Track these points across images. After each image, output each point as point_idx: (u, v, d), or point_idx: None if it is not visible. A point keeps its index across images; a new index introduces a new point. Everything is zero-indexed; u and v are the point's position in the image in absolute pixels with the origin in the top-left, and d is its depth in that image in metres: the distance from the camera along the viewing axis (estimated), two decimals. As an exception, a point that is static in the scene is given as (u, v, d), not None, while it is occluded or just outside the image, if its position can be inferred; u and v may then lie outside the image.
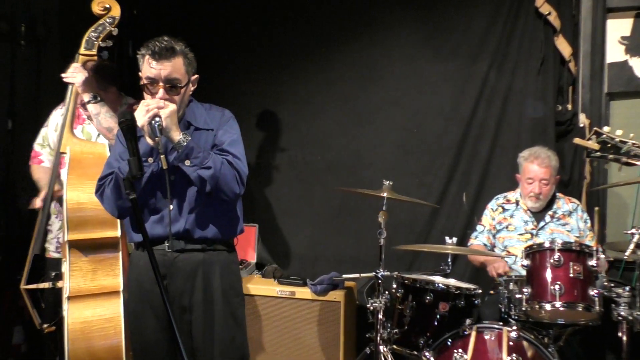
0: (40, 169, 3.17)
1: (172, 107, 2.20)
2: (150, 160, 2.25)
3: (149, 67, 2.23)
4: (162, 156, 2.14)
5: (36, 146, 3.22)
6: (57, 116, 3.19)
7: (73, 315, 2.62)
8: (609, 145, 2.58)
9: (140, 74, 2.31)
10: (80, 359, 2.60)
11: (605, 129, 2.62)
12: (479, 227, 3.45)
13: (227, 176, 2.24)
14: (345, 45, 4.14)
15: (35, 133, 3.23)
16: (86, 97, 2.95)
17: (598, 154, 2.60)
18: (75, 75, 2.91)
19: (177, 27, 4.30)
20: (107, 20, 2.95)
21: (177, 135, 2.19)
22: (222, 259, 2.38)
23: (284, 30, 4.28)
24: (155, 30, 4.35)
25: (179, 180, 2.28)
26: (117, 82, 3.24)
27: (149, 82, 2.25)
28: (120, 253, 2.75)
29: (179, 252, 2.30)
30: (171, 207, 2.28)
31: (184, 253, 2.31)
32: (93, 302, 2.65)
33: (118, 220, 2.68)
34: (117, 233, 2.74)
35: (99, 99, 2.99)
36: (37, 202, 2.96)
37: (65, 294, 2.66)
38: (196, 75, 2.38)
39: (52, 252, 3.14)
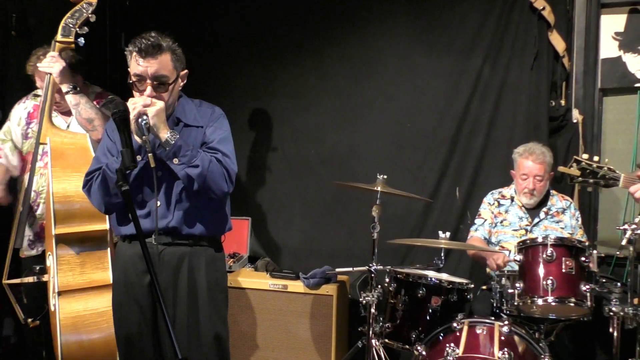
0: None
1: (160, 104, 2.19)
2: (139, 158, 2.23)
3: (136, 65, 2.22)
4: (149, 154, 2.12)
5: None
6: (19, 110, 3.11)
7: (64, 310, 2.61)
8: (588, 171, 2.81)
9: (128, 70, 2.29)
10: (73, 353, 2.60)
11: (584, 156, 2.84)
12: (478, 220, 3.44)
13: (215, 174, 2.24)
14: (338, 39, 4.13)
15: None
16: (64, 87, 2.89)
17: (580, 179, 2.82)
18: (52, 65, 2.84)
19: (169, 19, 4.28)
20: (84, 5, 2.86)
21: (165, 134, 2.18)
22: (208, 255, 2.38)
23: (277, 24, 4.25)
24: (147, 23, 4.38)
25: (167, 177, 2.28)
26: (83, 71, 3.16)
27: (137, 80, 2.24)
28: (109, 246, 2.73)
29: (165, 245, 2.29)
30: (159, 203, 2.27)
31: (170, 246, 2.31)
32: (84, 296, 2.65)
33: None
34: (107, 225, 2.72)
35: (78, 89, 2.94)
36: None
37: (53, 289, 2.65)
38: (185, 71, 2.35)
39: (25, 251, 3.03)
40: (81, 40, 2.90)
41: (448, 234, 2.96)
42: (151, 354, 2.32)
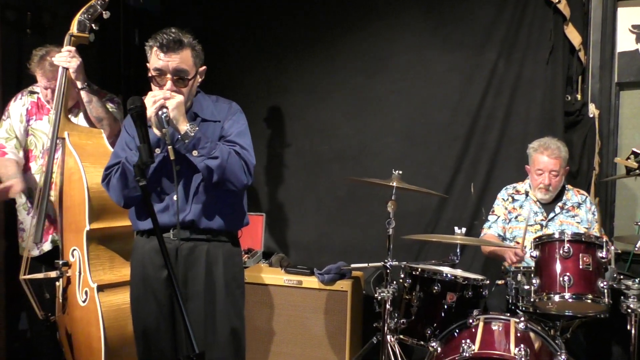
0: (2, 161, 3.05)
1: (179, 98, 2.20)
2: (157, 151, 2.26)
3: (157, 59, 2.24)
4: (169, 147, 2.13)
5: (0, 139, 3.10)
6: (18, 107, 3.10)
7: (105, 303, 2.65)
8: None
9: (147, 65, 2.31)
10: (115, 345, 2.65)
11: None
12: (491, 217, 3.42)
13: (234, 166, 2.25)
14: (351, 34, 4.12)
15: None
16: (79, 83, 2.90)
17: (638, 171, 2.83)
18: (69, 60, 2.84)
19: (182, 16, 4.29)
20: (98, 1, 2.88)
21: (184, 126, 2.19)
22: (226, 250, 2.39)
23: (289, 20, 4.25)
24: (161, 19, 4.40)
25: (185, 171, 2.29)
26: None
27: (157, 74, 2.26)
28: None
29: (183, 240, 2.30)
30: (175, 197, 2.28)
31: (188, 242, 2.32)
32: (121, 290, 2.68)
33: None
34: None
35: (93, 86, 2.96)
36: None
37: (84, 284, 2.68)
38: (204, 67, 2.38)
39: (31, 251, 2.98)
40: (92, 36, 2.92)
41: (464, 229, 2.94)
42: (168, 348, 2.33)
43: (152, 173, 2.28)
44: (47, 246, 3.06)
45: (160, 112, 2.15)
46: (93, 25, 2.89)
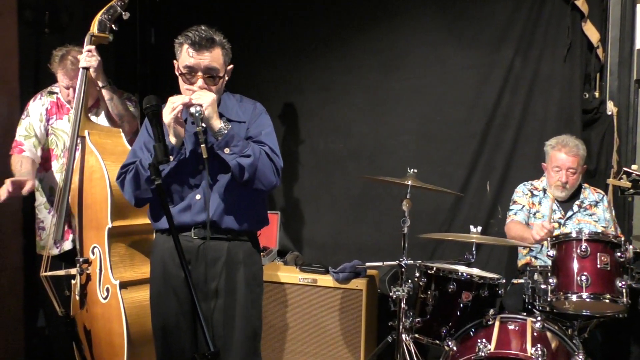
0: (19, 158, 3.07)
1: (213, 95, 2.20)
2: (171, 157, 2.22)
3: (188, 57, 2.24)
4: (202, 145, 2.13)
5: (19, 137, 3.12)
6: (37, 106, 3.13)
7: (127, 300, 2.68)
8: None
9: (175, 62, 2.32)
10: (138, 341, 2.68)
11: (634, 167, 2.80)
12: (515, 206, 3.35)
13: (265, 166, 2.25)
14: (366, 32, 4.10)
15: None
16: (100, 82, 2.96)
17: (631, 191, 2.78)
18: (89, 59, 2.89)
19: (198, 14, 4.30)
20: (118, 2, 2.92)
21: (217, 124, 2.19)
22: (246, 249, 2.39)
23: (304, 18, 4.24)
24: (177, 18, 4.42)
25: (209, 171, 2.27)
26: None
27: (187, 72, 2.26)
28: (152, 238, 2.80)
29: (204, 239, 2.30)
30: (198, 196, 2.29)
31: (209, 241, 2.31)
32: (142, 287, 2.71)
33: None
34: None
35: (112, 84, 2.99)
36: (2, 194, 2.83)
37: (105, 281, 2.72)
38: (231, 66, 2.38)
39: (50, 249, 3.01)
40: (111, 36, 2.95)
41: (479, 228, 2.93)
42: (188, 346, 2.33)
43: (173, 172, 2.28)
44: (67, 245, 3.09)
45: (193, 110, 2.15)
46: (113, 25, 2.93)
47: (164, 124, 2.18)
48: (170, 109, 2.17)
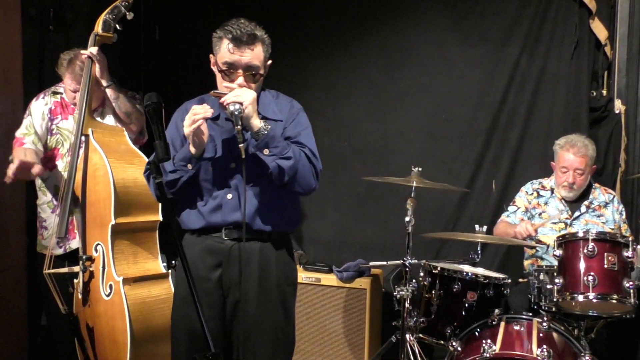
0: (22, 148, 3.00)
1: (254, 93, 2.11)
2: (190, 166, 2.16)
3: (229, 53, 2.14)
4: (241, 146, 2.03)
5: (18, 134, 3.09)
6: (40, 106, 3.11)
7: (130, 296, 2.67)
8: None
9: (212, 56, 2.22)
10: (141, 338, 2.67)
11: None
12: (511, 208, 3.35)
13: (305, 168, 2.17)
14: (371, 29, 4.08)
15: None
16: (104, 81, 2.94)
17: None
18: (92, 50, 2.87)
19: (202, 12, 4.28)
20: (123, 2, 2.90)
21: (258, 123, 2.10)
22: (279, 250, 2.30)
23: (309, 15, 4.22)
24: (181, 16, 4.41)
25: (239, 170, 2.19)
26: None
27: (227, 68, 2.16)
28: (157, 235, 2.81)
29: (235, 240, 2.22)
30: (229, 196, 2.21)
31: (240, 241, 2.22)
32: (145, 284, 2.71)
33: (159, 204, 2.73)
34: (159, 217, 2.79)
35: (117, 83, 2.98)
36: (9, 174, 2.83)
37: (108, 278, 2.71)
38: (270, 61, 2.27)
39: (52, 249, 2.97)
40: (115, 36, 2.95)
41: (485, 227, 2.90)
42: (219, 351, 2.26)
43: (204, 172, 2.21)
44: (75, 244, 3.07)
45: (232, 108, 2.05)
46: (117, 25, 2.91)
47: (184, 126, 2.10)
48: (191, 122, 2.07)
